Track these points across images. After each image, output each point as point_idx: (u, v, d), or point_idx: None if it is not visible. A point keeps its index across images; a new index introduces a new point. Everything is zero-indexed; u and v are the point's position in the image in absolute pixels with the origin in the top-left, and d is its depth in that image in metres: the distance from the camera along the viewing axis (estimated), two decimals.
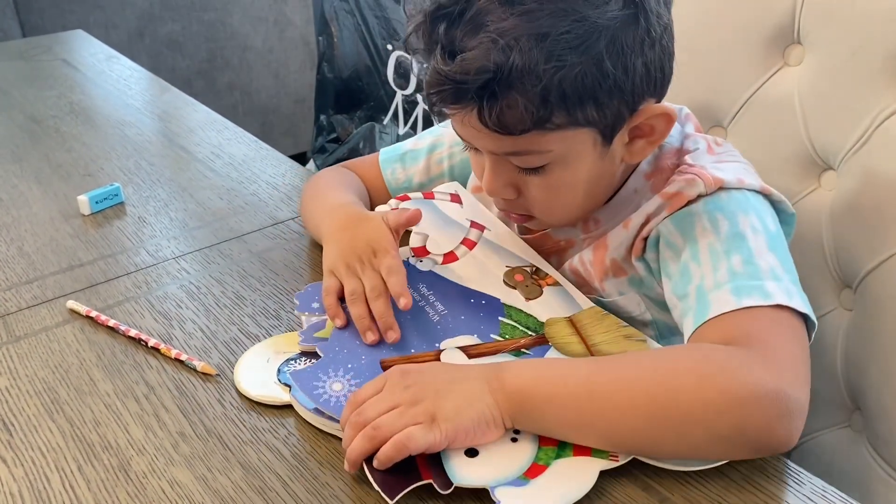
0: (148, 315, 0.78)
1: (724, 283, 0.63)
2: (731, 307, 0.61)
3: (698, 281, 0.65)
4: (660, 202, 0.70)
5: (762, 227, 0.67)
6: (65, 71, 1.52)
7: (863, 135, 0.78)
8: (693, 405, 0.55)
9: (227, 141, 1.19)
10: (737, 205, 0.68)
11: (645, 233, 0.71)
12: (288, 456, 0.60)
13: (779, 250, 0.66)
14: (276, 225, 0.95)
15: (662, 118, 0.69)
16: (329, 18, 2.25)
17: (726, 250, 0.65)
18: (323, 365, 0.66)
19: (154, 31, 2.43)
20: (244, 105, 2.69)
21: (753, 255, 0.64)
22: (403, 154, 0.92)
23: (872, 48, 0.76)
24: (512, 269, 0.76)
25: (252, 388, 0.66)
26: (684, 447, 0.57)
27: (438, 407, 0.57)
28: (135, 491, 0.58)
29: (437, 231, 0.81)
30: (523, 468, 0.56)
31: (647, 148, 0.71)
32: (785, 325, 0.61)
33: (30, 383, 0.69)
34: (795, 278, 0.65)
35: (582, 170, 0.69)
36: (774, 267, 0.64)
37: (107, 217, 0.98)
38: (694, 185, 0.68)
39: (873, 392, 0.80)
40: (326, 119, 2.40)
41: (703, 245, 0.66)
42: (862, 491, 0.81)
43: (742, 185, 0.69)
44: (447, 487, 0.55)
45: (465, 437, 0.57)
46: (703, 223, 0.67)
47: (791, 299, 0.61)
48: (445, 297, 0.74)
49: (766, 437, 0.55)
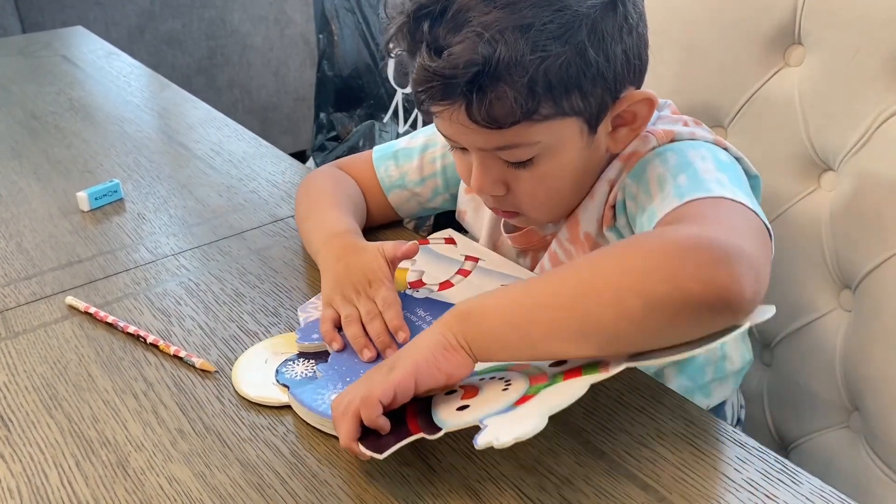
0: (147, 311, 0.78)
1: (669, 196, 0.63)
2: (674, 205, 0.62)
3: (648, 206, 0.66)
4: (619, 165, 0.72)
5: (711, 156, 0.67)
6: (64, 67, 1.52)
7: (863, 136, 0.78)
8: (622, 276, 0.53)
9: (227, 138, 1.19)
10: (687, 145, 0.69)
11: (611, 200, 0.72)
12: (286, 453, 0.60)
13: (729, 171, 0.66)
14: (276, 222, 0.95)
15: (644, 103, 0.70)
16: (329, 16, 2.25)
17: (674, 174, 0.66)
18: (323, 382, 0.65)
19: (154, 28, 2.43)
20: (244, 103, 2.69)
21: (699, 172, 0.65)
22: (396, 152, 0.91)
23: (873, 49, 0.77)
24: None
25: (251, 390, 0.66)
26: (626, 324, 0.53)
27: (396, 357, 0.58)
28: (133, 487, 0.58)
29: (432, 268, 0.81)
30: (513, 401, 0.56)
31: (630, 135, 0.72)
32: (732, 207, 0.61)
33: (28, 379, 0.69)
34: (748, 192, 0.65)
35: (569, 160, 0.70)
36: (722, 180, 0.64)
37: (106, 213, 0.98)
38: (647, 141, 0.71)
39: (872, 393, 0.80)
40: (326, 117, 2.40)
41: (652, 177, 0.67)
42: (860, 491, 0.81)
43: (694, 136, 0.71)
44: (435, 433, 0.54)
45: (426, 367, 0.56)
46: (654, 164, 0.69)
47: (736, 196, 0.61)
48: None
49: (705, 285, 0.50)
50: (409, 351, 0.59)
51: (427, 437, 0.54)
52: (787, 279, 0.86)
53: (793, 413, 0.91)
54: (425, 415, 0.57)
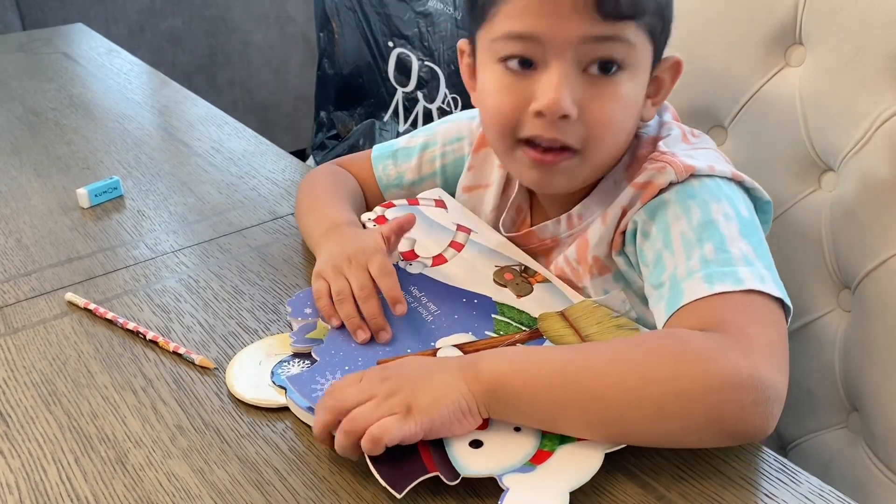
0: (146, 308, 0.78)
1: (696, 270, 0.63)
2: (703, 293, 0.61)
3: (672, 269, 0.65)
4: (633, 192, 0.71)
5: (734, 213, 0.67)
6: (65, 64, 1.52)
7: (863, 136, 0.78)
8: (666, 395, 0.55)
9: (227, 136, 1.19)
10: (708, 192, 0.68)
11: (622, 226, 0.71)
12: (285, 450, 0.60)
13: (752, 236, 0.66)
14: (276, 220, 0.95)
15: (672, 68, 0.73)
16: (330, 15, 2.24)
17: (698, 238, 0.65)
18: (320, 368, 0.65)
19: (155, 25, 2.43)
20: (244, 101, 2.69)
21: (725, 241, 0.64)
22: (395, 151, 0.91)
23: (874, 49, 0.77)
24: (501, 269, 0.77)
25: (246, 392, 0.66)
26: (658, 436, 0.57)
27: (414, 398, 0.57)
28: (131, 483, 0.58)
29: (424, 236, 0.81)
30: (529, 455, 0.56)
31: (652, 110, 0.74)
32: (760, 309, 0.61)
33: (27, 375, 0.69)
34: (770, 263, 0.65)
35: (637, 92, 0.70)
36: (747, 253, 0.64)
37: (106, 210, 0.98)
38: (664, 172, 0.69)
39: (871, 393, 0.80)
40: (326, 115, 2.40)
41: (676, 234, 0.66)
42: (859, 492, 0.81)
43: (713, 171, 0.69)
44: (454, 479, 0.55)
45: (440, 427, 0.56)
46: (676, 211, 0.67)
47: (764, 283, 0.61)
48: (437, 297, 0.74)
49: (742, 425, 0.54)
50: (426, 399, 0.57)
51: (446, 481, 0.54)
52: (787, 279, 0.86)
53: (792, 413, 0.91)
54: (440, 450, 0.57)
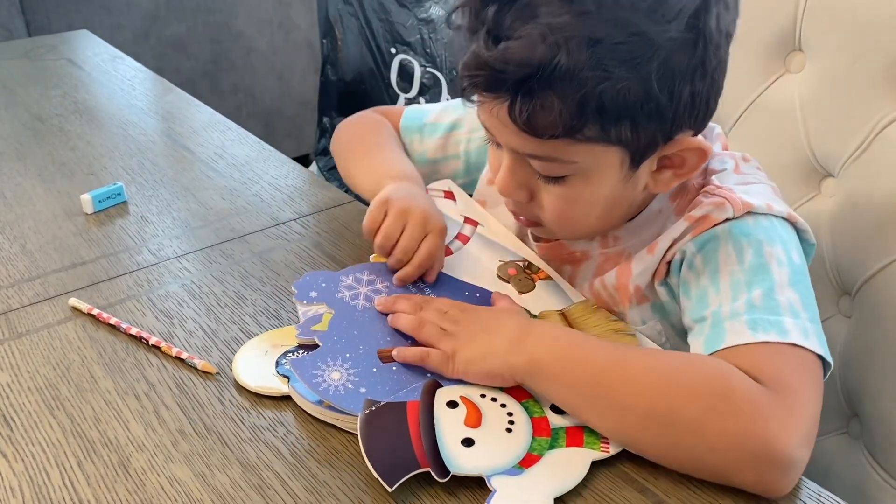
0: (149, 313, 0.78)
1: (741, 313, 0.61)
2: (746, 340, 0.59)
3: (716, 307, 0.63)
4: (686, 226, 0.67)
5: (787, 259, 0.64)
6: (69, 70, 1.53)
7: (863, 142, 0.78)
8: (686, 435, 0.55)
9: (231, 142, 1.20)
10: (763, 232, 0.65)
11: (669, 256, 0.69)
12: (286, 454, 0.61)
13: (800, 284, 0.64)
14: (278, 226, 0.95)
15: (696, 153, 0.66)
16: (333, 21, 2.25)
17: (748, 281, 0.63)
18: (322, 354, 0.66)
19: (159, 32, 2.44)
20: (248, 107, 2.69)
21: (774, 288, 0.62)
22: (423, 125, 0.92)
23: (873, 56, 0.77)
24: (505, 264, 0.78)
25: (251, 380, 0.67)
26: (667, 461, 0.58)
27: (460, 349, 0.63)
28: (134, 487, 0.58)
29: None
30: (518, 457, 0.58)
31: (674, 180, 0.68)
32: (802, 365, 0.59)
33: (31, 379, 0.70)
34: (815, 315, 0.63)
35: (602, 188, 0.66)
36: (794, 303, 0.62)
37: (109, 216, 0.99)
38: (723, 209, 0.66)
39: (871, 398, 0.80)
40: (329, 121, 2.40)
41: (725, 272, 0.64)
42: (858, 497, 0.81)
43: (770, 210, 0.66)
44: (444, 475, 0.56)
45: (471, 380, 0.63)
46: (728, 248, 0.65)
47: (807, 339, 0.60)
48: (441, 289, 0.75)
49: (750, 488, 0.56)
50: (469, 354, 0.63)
51: (436, 477, 0.56)
52: None
53: None
54: (429, 436, 0.58)
